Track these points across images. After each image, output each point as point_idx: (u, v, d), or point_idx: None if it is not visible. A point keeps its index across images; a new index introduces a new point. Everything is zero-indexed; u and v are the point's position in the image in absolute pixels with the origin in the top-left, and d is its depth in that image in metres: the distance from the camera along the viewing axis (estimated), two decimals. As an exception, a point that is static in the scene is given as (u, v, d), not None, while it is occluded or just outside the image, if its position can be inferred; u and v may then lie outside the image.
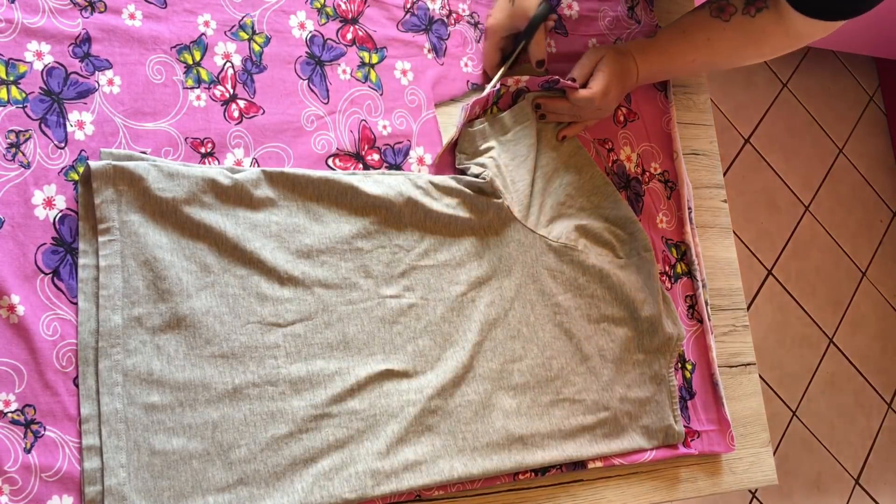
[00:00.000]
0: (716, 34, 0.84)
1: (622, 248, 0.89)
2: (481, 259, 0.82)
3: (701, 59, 0.88)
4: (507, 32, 0.85)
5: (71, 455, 0.65)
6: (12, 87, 0.69)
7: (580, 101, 0.84)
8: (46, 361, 0.65)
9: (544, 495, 0.81)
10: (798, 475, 2.06)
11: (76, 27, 0.72)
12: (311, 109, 0.80)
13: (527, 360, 0.81)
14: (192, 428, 0.68)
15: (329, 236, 0.76)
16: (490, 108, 0.86)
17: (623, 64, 0.86)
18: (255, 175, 0.74)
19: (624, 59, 0.87)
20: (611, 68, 0.85)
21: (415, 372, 0.76)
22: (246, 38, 0.79)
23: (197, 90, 0.76)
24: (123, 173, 0.69)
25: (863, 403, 2.23)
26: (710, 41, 0.85)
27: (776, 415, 2.07)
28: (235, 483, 0.68)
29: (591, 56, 0.86)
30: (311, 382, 0.72)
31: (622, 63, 0.86)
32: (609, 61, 0.85)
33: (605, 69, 0.84)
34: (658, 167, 0.96)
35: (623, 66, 0.86)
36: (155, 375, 0.67)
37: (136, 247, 0.69)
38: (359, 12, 0.84)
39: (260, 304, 0.72)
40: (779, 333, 2.14)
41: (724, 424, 0.91)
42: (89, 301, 0.67)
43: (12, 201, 0.67)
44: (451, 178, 0.82)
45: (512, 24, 0.84)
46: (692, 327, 0.93)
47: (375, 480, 0.71)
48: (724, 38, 0.84)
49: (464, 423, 0.77)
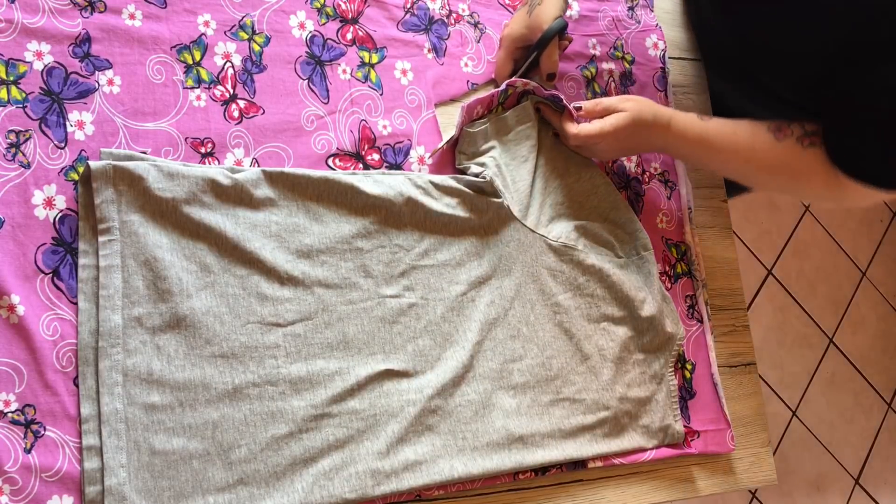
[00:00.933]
0: (761, 147, 0.79)
1: (622, 247, 0.89)
2: (481, 259, 0.82)
3: (735, 165, 0.83)
4: (521, 43, 0.84)
5: (71, 455, 0.65)
6: (12, 87, 0.69)
7: (569, 130, 0.81)
8: (46, 361, 0.65)
9: (544, 495, 0.81)
10: (798, 475, 2.06)
11: (76, 27, 0.72)
12: (311, 109, 0.80)
13: (527, 360, 0.81)
14: (192, 428, 0.68)
15: (329, 236, 0.76)
16: (496, 108, 0.86)
17: (647, 130, 0.82)
18: (255, 175, 0.74)
19: (652, 129, 0.82)
20: (629, 125, 0.80)
21: (415, 372, 0.76)
22: (246, 38, 0.79)
23: (197, 90, 0.76)
24: (123, 173, 0.69)
25: (863, 403, 2.23)
26: (754, 152, 0.80)
27: (776, 415, 2.07)
28: (235, 483, 0.68)
29: (621, 100, 0.81)
30: (311, 382, 0.72)
31: (647, 129, 0.82)
32: (633, 118, 0.80)
33: (623, 122, 0.80)
34: (658, 167, 0.96)
35: (646, 132, 0.82)
36: (155, 375, 0.67)
37: (136, 247, 0.69)
38: (359, 12, 0.84)
39: (260, 304, 0.72)
40: (779, 333, 2.14)
41: (724, 424, 0.91)
42: (89, 301, 0.67)
43: (12, 201, 0.67)
44: (451, 178, 0.82)
45: (527, 35, 0.83)
46: (692, 327, 0.93)
47: (375, 480, 0.71)
48: (767, 155, 0.79)
49: (464, 422, 0.77)
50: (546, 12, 0.81)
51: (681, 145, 0.83)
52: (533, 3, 0.83)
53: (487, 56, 0.90)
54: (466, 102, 0.82)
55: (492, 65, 0.90)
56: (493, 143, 0.84)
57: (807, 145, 0.77)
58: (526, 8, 0.84)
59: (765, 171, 0.81)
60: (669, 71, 1.00)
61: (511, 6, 0.93)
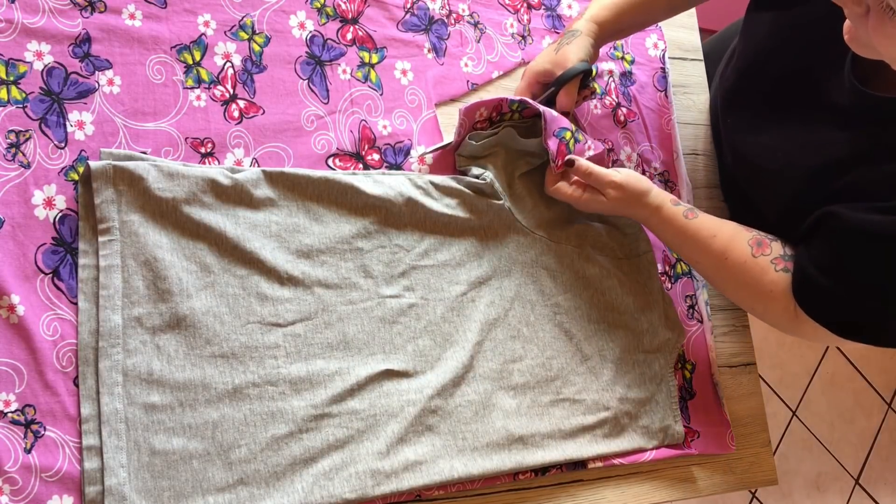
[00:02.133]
0: (734, 259, 0.78)
1: (622, 248, 0.89)
2: (481, 259, 0.82)
3: (704, 266, 0.82)
4: (542, 78, 0.83)
5: (71, 455, 0.65)
6: (12, 87, 0.69)
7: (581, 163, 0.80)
8: (46, 361, 0.65)
9: (544, 495, 0.81)
10: (798, 475, 2.06)
11: (76, 27, 0.72)
12: (311, 109, 0.80)
13: (527, 360, 0.81)
14: (192, 428, 0.68)
15: (329, 236, 0.76)
16: (508, 114, 0.84)
17: (637, 207, 0.82)
18: (255, 175, 0.74)
19: (642, 208, 0.81)
20: (627, 194, 0.80)
21: (415, 372, 0.76)
22: (246, 38, 0.79)
23: (197, 90, 0.76)
24: (123, 173, 0.69)
25: (863, 403, 2.23)
26: (725, 262, 0.78)
27: (776, 415, 2.07)
28: (235, 483, 0.68)
29: (622, 172, 0.81)
30: (311, 382, 0.72)
31: (638, 207, 0.82)
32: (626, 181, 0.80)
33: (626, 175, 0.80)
34: (658, 167, 0.96)
35: (636, 208, 0.82)
36: (155, 375, 0.67)
37: (136, 247, 0.69)
38: (359, 12, 0.84)
39: (260, 304, 0.72)
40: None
41: (724, 424, 0.91)
42: (89, 301, 0.67)
43: (12, 201, 0.67)
44: (451, 178, 0.81)
45: (550, 71, 0.82)
46: (692, 327, 0.93)
47: (375, 480, 0.71)
48: (736, 268, 0.78)
49: (464, 422, 0.77)
50: (573, 52, 0.81)
51: (662, 230, 0.83)
52: (562, 42, 0.83)
53: (487, 56, 0.90)
54: (465, 105, 0.80)
55: (491, 65, 0.90)
56: (497, 148, 0.83)
57: (779, 269, 0.76)
58: (555, 45, 0.84)
59: (731, 281, 0.80)
60: (669, 71, 1.00)
61: (511, 6, 0.93)
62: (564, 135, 0.81)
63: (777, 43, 0.81)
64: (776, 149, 0.80)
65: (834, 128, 0.74)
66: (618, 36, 0.87)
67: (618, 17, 0.84)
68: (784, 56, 0.80)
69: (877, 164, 0.70)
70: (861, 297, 0.71)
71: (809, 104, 0.77)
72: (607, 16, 0.84)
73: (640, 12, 0.85)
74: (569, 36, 0.83)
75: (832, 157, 0.74)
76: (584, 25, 0.83)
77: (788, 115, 0.80)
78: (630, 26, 0.86)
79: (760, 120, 0.83)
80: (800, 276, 0.75)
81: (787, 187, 0.79)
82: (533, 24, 0.94)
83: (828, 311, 0.74)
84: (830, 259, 0.72)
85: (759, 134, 0.83)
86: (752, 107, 0.85)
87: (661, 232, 0.83)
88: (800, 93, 0.78)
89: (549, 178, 0.83)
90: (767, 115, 0.82)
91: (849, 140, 0.73)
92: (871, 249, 0.69)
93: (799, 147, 0.78)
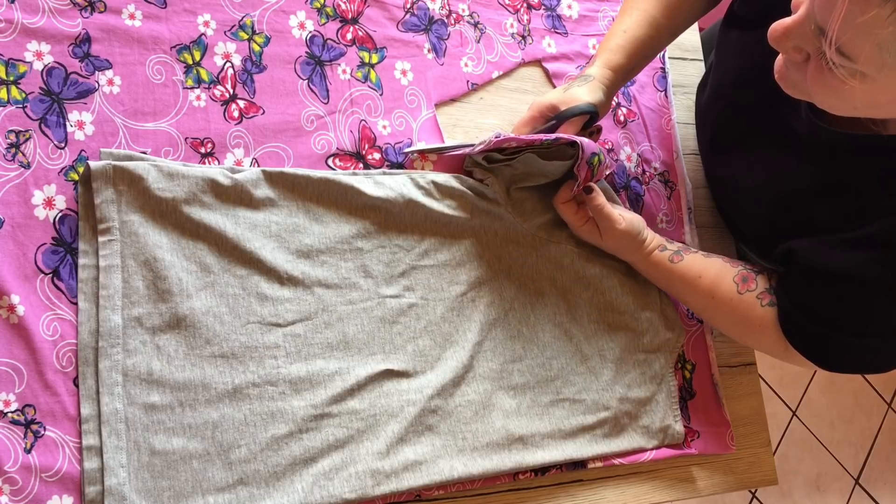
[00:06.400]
0: (721, 297, 0.81)
1: (622, 248, 0.89)
2: (481, 259, 0.82)
3: (694, 306, 0.85)
4: (547, 112, 0.81)
5: (71, 455, 0.65)
6: (12, 87, 0.69)
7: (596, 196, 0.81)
8: (46, 361, 0.65)
9: (544, 495, 0.81)
10: (798, 475, 2.06)
11: (76, 27, 0.72)
12: (311, 109, 0.80)
13: (527, 360, 0.81)
14: (192, 428, 0.68)
15: (329, 236, 0.76)
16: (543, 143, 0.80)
17: (628, 253, 0.85)
18: (255, 175, 0.74)
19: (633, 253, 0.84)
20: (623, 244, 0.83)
21: (415, 372, 0.76)
22: (246, 38, 0.79)
23: (197, 90, 0.76)
24: (123, 173, 0.69)
25: (863, 403, 2.23)
26: (713, 300, 0.81)
27: (776, 415, 2.07)
28: (235, 483, 0.68)
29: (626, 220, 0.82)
30: (311, 382, 0.72)
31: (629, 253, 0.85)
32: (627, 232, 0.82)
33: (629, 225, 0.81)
34: (658, 167, 0.96)
35: (627, 254, 0.85)
36: (155, 375, 0.67)
37: (135, 247, 0.69)
38: (359, 12, 0.84)
39: (260, 304, 0.72)
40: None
41: (724, 424, 0.91)
42: (89, 301, 0.67)
43: (12, 201, 0.67)
44: (453, 178, 0.81)
45: (555, 107, 0.81)
46: (692, 327, 0.93)
47: (375, 480, 0.71)
48: (724, 306, 0.81)
49: (464, 422, 0.77)
50: (581, 93, 0.80)
51: (650, 274, 0.86)
52: (573, 84, 0.82)
53: (487, 56, 0.90)
54: (503, 134, 0.77)
55: (491, 65, 0.90)
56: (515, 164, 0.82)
57: (765, 304, 0.79)
58: (566, 85, 0.83)
59: (721, 318, 0.83)
60: (669, 71, 1.00)
61: (511, 6, 0.93)
62: (593, 160, 0.79)
63: (743, 64, 0.81)
64: (745, 173, 0.82)
65: (798, 157, 0.75)
66: (630, 76, 0.85)
67: (629, 58, 0.83)
68: (749, 80, 0.80)
69: (839, 196, 0.72)
70: (836, 333, 0.73)
71: (775, 131, 0.78)
72: (620, 60, 0.82)
73: (648, 45, 0.84)
74: (581, 80, 0.82)
75: (797, 187, 0.75)
76: (597, 72, 0.82)
77: (757, 141, 0.81)
78: (640, 63, 0.85)
79: (731, 142, 0.85)
80: (781, 314, 0.78)
81: (757, 209, 0.81)
82: (533, 25, 0.94)
83: (811, 345, 0.76)
84: (803, 297, 0.75)
85: (730, 155, 0.85)
86: (724, 127, 0.86)
87: (650, 276, 0.87)
88: (766, 119, 0.79)
89: (563, 192, 0.83)
90: (737, 137, 0.83)
91: (810, 172, 0.74)
92: (837, 290, 0.72)
93: (767, 173, 0.79)
